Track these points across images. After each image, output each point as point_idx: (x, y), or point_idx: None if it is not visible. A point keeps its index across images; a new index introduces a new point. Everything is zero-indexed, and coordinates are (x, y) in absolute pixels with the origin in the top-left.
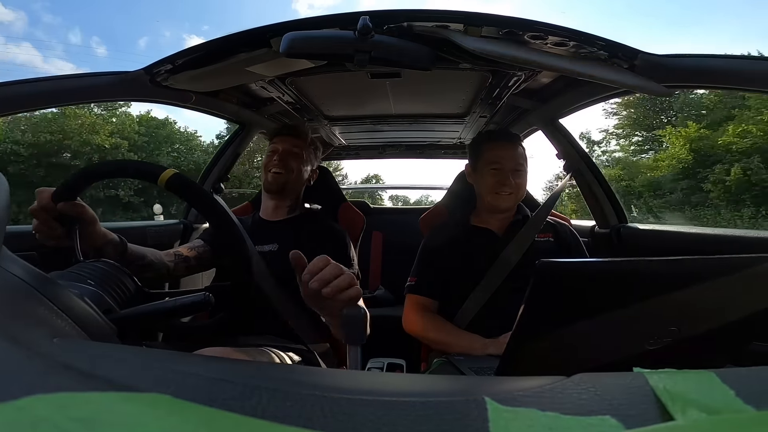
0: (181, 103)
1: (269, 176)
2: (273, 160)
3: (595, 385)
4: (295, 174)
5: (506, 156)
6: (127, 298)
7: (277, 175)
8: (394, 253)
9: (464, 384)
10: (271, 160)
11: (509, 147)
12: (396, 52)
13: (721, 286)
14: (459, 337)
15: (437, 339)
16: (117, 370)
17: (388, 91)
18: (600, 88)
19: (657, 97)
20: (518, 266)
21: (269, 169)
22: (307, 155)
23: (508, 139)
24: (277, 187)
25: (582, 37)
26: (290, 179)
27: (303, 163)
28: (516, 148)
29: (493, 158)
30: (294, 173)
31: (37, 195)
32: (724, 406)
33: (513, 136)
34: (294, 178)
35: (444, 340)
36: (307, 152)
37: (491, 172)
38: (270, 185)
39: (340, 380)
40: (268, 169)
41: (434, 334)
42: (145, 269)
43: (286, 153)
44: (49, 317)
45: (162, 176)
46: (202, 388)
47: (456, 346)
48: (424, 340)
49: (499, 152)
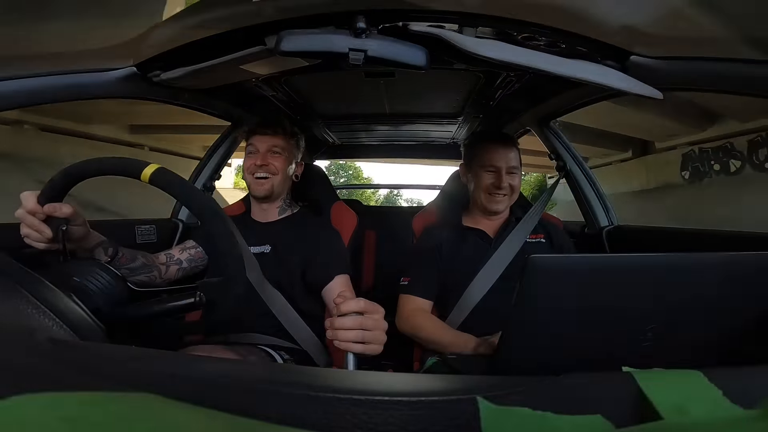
0: (173, 100)
1: (252, 183)
2: (254, 164)
3: (585, 385)
4: (280, 175)
5: (501, 158)
6: (116, 298)
7: (262, 181)
8: (387, 253)
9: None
10: (252, 163)
11: (504, 149)
12: (391, 52)
13: (710, 284)
14: (452, 337)
15: (430, 338)
16: (106, 370)
17: (382, 90)
18: (592, 89)
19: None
20: (510, 266)
21: (251, 173)
22: (289, 152)
23: (504, 141)
24: (263, 194)
25: (574, 38)
26: (275, 182)
27: (286, 162)
28: (511, 150)
29: (488, 160)
30: (279, 174)
31: (22, 199)
32: (711, 405)
33: (508, 138)
34: (279, 179)
35: (437, 339)
36: (289, 149)
37: (485, 173)
38: (256, 192)
39: (334, 380)
40: (251, 173)
41: (427, 333)
42: (137, 272)
43: (267, 153)
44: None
45: (145, 172)
46: (193, 388)
47: (449, 345)
48: (417, 340)
49: (494, 154)
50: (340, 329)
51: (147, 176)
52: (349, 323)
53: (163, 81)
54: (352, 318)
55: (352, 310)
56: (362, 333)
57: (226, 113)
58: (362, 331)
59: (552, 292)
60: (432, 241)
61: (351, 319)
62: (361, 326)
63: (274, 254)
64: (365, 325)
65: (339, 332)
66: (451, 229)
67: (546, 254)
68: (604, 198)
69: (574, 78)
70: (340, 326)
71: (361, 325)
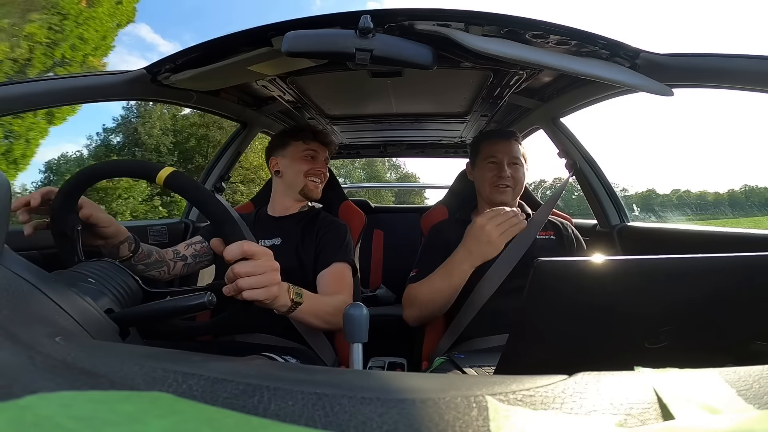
0: (182, 102)
1: (310, 184)
2: (316, 169)
3: (597, 385)
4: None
5: (502, 149)
6: (128, 298)
7: (318, 185)
8: (394, 252)
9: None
10: (312, 167)
11: (505, 142)
12: (397, 51)
13: (722, 285)
14: (442, 273)
15: (428, 297)
16: (118, 369)
17: (389, 90)
18: (602, 87)
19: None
20: (520, 264)
21: (310, 176)
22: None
23: (505, 134)
24: (317, 195)
25: (583, 36)
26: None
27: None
28: (512, 143)
29: (490, 152)
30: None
31: (31, 198)
32: (725, 405)
33: (509, 132)
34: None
35: (433, 289)
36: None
37: (489, 165)
38: (313, 194)
39: (342, 379)
40: (309, 176)
41: (423, 293)
42: (151, 267)
43: (325, 161)
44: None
45: (160, 174)
46: (203, 387)
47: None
48: (422, 312)
49: (495, 146)
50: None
51: (162, 179)
52: (242, 270)
53: (173, 83)
54: (239, 265)
55: (235, 258)
56: (256, 278)
57: (235, 115)
58: (256, 276)
59: (561, 294)
60: (441, 239)
61: (240, 266)
62: (253, 272)
63: (284, 247)
64: (256, 270)
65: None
66: (460, 227)
67: (554, 253)
68: (616, 196)
69: (583, 75)
70: (235, 276)
71: (253, 269)
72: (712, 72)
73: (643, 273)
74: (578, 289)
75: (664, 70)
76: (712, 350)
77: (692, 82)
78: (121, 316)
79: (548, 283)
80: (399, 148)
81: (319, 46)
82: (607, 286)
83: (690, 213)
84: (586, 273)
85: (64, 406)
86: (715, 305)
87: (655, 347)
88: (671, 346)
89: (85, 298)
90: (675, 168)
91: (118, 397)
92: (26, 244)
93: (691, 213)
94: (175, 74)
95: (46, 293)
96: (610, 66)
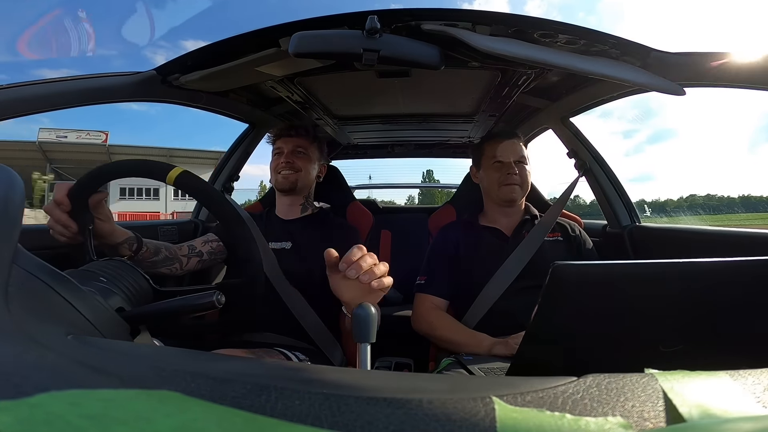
0: (191, 103)
1: (279, 178)
2: (280, 162)
3: (606, 387)
4: (303, 172)
5: (506, 149)
6: (139, 297)
7: (287, 175)
8: (402, 253)
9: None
10: (278, 162)
11: (508, 141)
12: (404, 51)
13: (736, 288)
14: (467, 336)
15: (446, 338)
16: (128, 368)
17: (396, 90)
18: (612, 86)
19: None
20: (528, 266)
21: (278, 171)
22: (312, 153)
23: (507, 135)
24: (288, 186)
25: (593, 35)
26: (299, 178)
27: (310, 161)
28: (515, 142)
29: (495, 153)
30: (302, 172)
31: (54, 190)
32: (736, 407)
33: (511, 132)
34: (303, 176)
35: (452, 338)
36: (311, 150)
37: (494, 165)
38: (281, 185)
39: (349, 379)
40: (278, 171)
41: (443, 332)
42: (159, 264)
43: (292, 153)
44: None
45: (170, 174)
46: (212, 386)
47: (464, 345)
48: (433, 339)
49: (500, 146)
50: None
51: (172, 179)
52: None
53: (182, 84)
54: (370, 257)
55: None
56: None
57: (243, 115)
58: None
59: (576, 298)
60: (448, 241)
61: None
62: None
63: (294, 250)
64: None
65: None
66: (468, 228)
67: (566, 255)
68: (627, 196)
69: (594, 75)
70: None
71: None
72: (725, 71)
73: (657, 278)
74: (594, 292)
75: (676, 69)
76: (726, 353)
77: (705, 82)
78: (132, 314)
79: (564, 286)
80: (407, 148)
81: (326, 46)
82: (622, 289)
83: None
84: (602, 276)
85: (74, 404)
86: (734, 309)
87: (670, 350)
88: (685, 349)
89: (97, 297)
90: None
91: (127, 396)
92: (38, 243)
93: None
94: (184, 75)
95: (59, 292)
96: (621, 65)
